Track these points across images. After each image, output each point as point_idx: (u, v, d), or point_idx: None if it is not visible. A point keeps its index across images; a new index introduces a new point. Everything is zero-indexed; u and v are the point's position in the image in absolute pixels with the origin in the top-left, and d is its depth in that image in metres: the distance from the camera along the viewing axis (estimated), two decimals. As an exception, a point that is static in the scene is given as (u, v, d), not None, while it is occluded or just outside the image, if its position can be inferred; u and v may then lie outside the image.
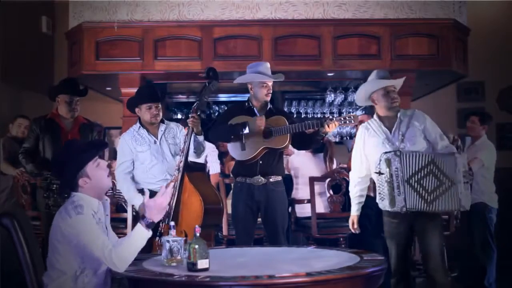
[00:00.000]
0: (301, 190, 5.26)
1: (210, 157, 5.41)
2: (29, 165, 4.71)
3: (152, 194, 4.10)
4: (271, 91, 4.31)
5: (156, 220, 2.75)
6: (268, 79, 4.27)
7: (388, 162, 3.62)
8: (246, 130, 4.13)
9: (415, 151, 3.62)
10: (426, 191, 3.53)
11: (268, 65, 4.38)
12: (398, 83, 3.90)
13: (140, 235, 2.71)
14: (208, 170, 5.33)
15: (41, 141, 4.69)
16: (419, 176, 3.54)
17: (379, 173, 3.65)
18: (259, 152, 4.16)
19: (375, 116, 3.92)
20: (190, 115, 4.07)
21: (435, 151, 3.69)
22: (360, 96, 3.98)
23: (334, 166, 5.54)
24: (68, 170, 2.81)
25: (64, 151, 2.95)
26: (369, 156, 3.84)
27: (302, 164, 5.34)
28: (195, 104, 4.12)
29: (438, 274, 3.69)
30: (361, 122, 5.58)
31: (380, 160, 3.64)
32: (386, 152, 3.65)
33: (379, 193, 3.72)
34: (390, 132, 3.78)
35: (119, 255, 2.65)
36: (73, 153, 2.83)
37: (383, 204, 3.72)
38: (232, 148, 4.28)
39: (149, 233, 2.72)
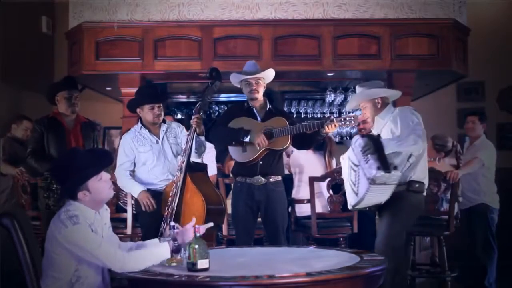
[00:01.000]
0: (303, 189, 5.25)
1: (207, 157, 5.37)
2: (42, 165, 4.67)
3: (155, 194, 4.15)
4: (258, 89, 4.27)
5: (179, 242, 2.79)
6: (245, 76, 4.24)
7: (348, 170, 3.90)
8: (247, 139, 4.14)
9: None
10: (354, 184, 3.75)
11: (252, 63, 4.36)
12: (354, 104, 4.13)
13: (162, 254, 2.73)
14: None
15: (45, 140, 4.68)
16: (350, 174, 3.79)
17: None
18: (260, 153, 4.16)
19: None
20: (193, 116, 4.06)
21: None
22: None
23: (334, 162, 5.54)
24: (69, 182, 2.78)
25: (67, 160, 2.87)
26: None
27: (306, 161, 5.34)
28: (198, 104, 4.11)
29: (376, 250, 3.77)
30: (363, 122, 5.64)
31: None
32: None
33: None
34: None
35: (132, 262, 2.66)
36: (76, 165, 2.77)
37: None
38: (233, 150, 4.27)
39: (168, 257, 2.74)
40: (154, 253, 2.74)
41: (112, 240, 2.96)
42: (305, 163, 5.35)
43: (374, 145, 3.60)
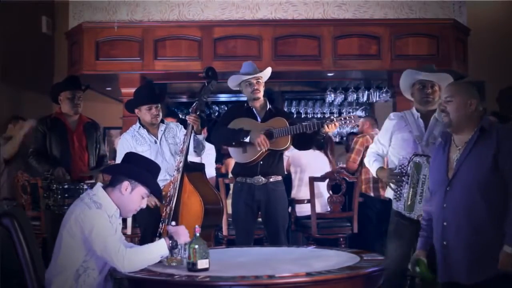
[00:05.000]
0: (303, 189, 5.25)
1: (206, 160, 5.35)
2: (43, 165, 4.66)
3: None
4: (260, 89, 4.24)
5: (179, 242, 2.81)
6: (245, 77, 4.22)
7: (418, 166, 3.45)
8: (247, 140, 4.13)
9: None
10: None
11: (249, 63, 4.31)
12: (436, 77, 3.63)
13: (159, 250, 2.74)
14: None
15: (48, 140, 4.68)
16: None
17: (404, 174, 3.50)
18: (260, 154, 4.15)
19: (413, 109, 3.74)
20: (190, 115, 4.07)
21: None
22: (401, 86, 3.85)
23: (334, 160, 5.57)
24: (135, 169, 2.86)
25: (147, 162, 3.00)
26: (393, 148, 3.72)
27: (307, 161, 5.33)
28: (194, 104, 4.12)
29: None
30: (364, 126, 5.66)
31: (410, 161, 3.48)
32: (418, 155, 3.49)
33: (396, 193, 3.57)
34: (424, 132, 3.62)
35: (132, 258, 2.67)
36: (147, 170, 2.88)
37: (397, 204, 3.57)
38: (234, 151, 4.27)
39: (167, 253, 2.75)
40: (152, 249, 2.75)
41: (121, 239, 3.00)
42: (306, 162, 5.35)
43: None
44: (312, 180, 4.92)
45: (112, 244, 2.67)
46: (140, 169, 2.88)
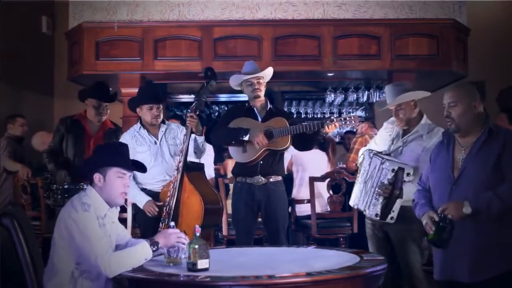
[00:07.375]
0: (304, 188, 5.25)
1: (205, 161, 5.35)
2: (51, 165, 4.70)
3: (151, 194, 4.14)
4: (260, 88, 4.27)
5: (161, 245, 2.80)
6: (246, 77, 4.24)
7: (362, 159, 3.69)
8: (247, 138, 4.13)
9: (387, 158, 3.51)
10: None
11: (251, 62, 4.36)
12: (397, 101, 3.61)
13: (142, 253, 2.75)
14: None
15: (65, 141, 4.70)
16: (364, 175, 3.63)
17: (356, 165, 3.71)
18: (260, 154, 4.15)
19: None
20: (188, 115, 4.07)
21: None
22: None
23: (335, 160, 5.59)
24: (98, 158, 2.88)
25: (113, 145, 3.05)
26: (377, 146, 3.83)
27: (308, 160, 5.34)
28: (193, 104, 4.12)
29: (422, 284, 3.56)
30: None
31: (369, 156, 3.63)
32: (369, 149, 3.67)
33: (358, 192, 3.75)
34: (401, 138, 3.67)
35: (116, 262, 2.67)
36: (114, 150, 2.90)
37: (355, 202, 3.75)
38: (234, 150, 4.27)
39: (151, 255, 2.76)
40: (135, 253, 2.74)
41: (122, 236, 3.00)
42: (308, 161, 5.35)
43: (391, 193, 3.38)
44: (312, 180, 4.92)
45: (99, 248, 2.67)
46: (99, 155, 2.89)
